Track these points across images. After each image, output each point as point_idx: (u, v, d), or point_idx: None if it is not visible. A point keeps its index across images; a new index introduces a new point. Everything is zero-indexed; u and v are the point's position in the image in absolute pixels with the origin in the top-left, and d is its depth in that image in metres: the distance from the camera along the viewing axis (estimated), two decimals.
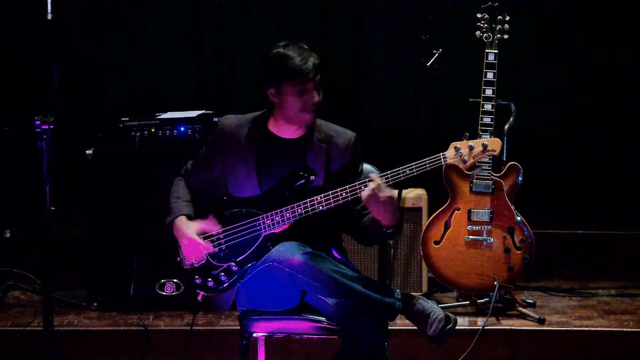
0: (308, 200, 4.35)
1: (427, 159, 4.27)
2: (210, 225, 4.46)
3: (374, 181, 4.24)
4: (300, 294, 4.34)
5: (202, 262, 4.47)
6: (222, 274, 4.45)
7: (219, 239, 4.46)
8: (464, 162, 4.27)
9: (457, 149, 4.27)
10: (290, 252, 4.30)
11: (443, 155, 4.27)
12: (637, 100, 7.15)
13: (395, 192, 4.28)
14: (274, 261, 4.32)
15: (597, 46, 7.17)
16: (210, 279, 4.46)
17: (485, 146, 4.27)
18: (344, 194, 4.32)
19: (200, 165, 4.60)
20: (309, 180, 4.39)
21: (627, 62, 7.15)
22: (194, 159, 4.64)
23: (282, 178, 4.42)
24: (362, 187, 4.28)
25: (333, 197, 4.33)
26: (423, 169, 4.27)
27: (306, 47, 4.42)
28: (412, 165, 4.27)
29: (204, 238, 4.45)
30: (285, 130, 4.48)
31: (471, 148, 4.26)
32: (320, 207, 4.34)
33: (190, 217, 4.51)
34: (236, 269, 4.43)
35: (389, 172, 4.30)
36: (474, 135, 5.60)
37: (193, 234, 4.45)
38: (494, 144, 4.28)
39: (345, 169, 4.48)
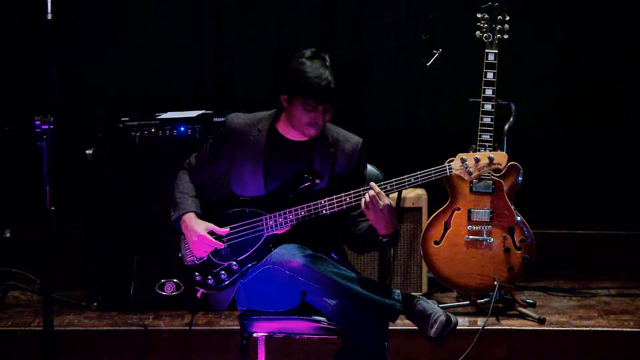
0: (312, 203, 4.34)
1: (432, 168, 4.27)
2: (220, 228, 4.46)
3: (373, 189, 4.24)
4: (301, 295, 4.33)
5: (203, 259, 4.47)
6: (223, 272, 4.44)
7: (221, 237, 4.46)
8: (469, 173, 4.27)
9: (463, 161, 4.26)
10: (290, 254, 4.30)
11: (449, 166, 4.26)
12: (637, 100, 7.14)
13: (394, 200, 4.27)
14: (275, 264, 4.32)
15: (597, 46, 7.17)
16: (210, 277, 4.45)
17: (491, 159, 4.26)
18: (348, 199, 4.31)
19: (205, 160, 4.58)
20: (314, 183, 4.39)
21: (627, 61, 7.15)
22: (198, 153, 4.63)
23: (287, 180, 4.42)
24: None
25: (337, 202, 4.32)
26: (428, 179, 4.27)
27: (328, 63, 4.35)
28: (417, 174, 4.27)
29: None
30: (293, 133, 4.48)
31: (477, 160, 4.26)
32: (324, 211, 4.34)
33: (198, 215, 4.50)
34: (237, 268, 4.43)
35: (393, 179, 4.29)
36: (475, 138, 5.61)
37: (204, 231, 4.44)
38: (500, 157, 4.27)
39: (349, 173, 4.47)
